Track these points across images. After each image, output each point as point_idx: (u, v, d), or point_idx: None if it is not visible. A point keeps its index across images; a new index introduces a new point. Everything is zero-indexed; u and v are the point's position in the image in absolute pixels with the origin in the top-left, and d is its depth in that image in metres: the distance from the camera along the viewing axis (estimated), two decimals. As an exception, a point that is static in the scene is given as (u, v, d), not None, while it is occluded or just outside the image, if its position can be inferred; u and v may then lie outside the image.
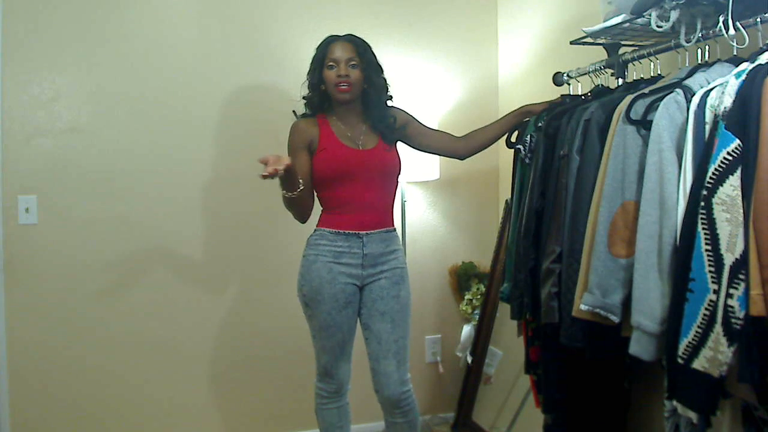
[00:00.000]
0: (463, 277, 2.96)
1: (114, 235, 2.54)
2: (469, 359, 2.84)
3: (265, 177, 1.80)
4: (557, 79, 2.16)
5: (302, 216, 2.12)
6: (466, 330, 2.92)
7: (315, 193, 2.14)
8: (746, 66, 1.37)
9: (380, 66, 2.14)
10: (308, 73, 2.13)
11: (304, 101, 2.16)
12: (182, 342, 2.64)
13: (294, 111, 2.17)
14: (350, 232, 2.07)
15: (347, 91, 2.05)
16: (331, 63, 2.06)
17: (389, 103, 2.19)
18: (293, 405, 2.78)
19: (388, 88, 2.17)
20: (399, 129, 2.17)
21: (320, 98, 2.13)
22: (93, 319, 2.53)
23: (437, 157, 2.58)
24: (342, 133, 2.10)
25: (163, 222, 2.60)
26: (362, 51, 2.09)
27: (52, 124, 2.47)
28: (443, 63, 2.92)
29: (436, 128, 2.41)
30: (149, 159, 2.58)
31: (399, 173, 2.17)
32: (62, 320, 2.50)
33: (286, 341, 2.77)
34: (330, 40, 2.10)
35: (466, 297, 2.93)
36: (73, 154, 2.49)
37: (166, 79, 2.59)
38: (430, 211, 2.98)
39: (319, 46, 2.11)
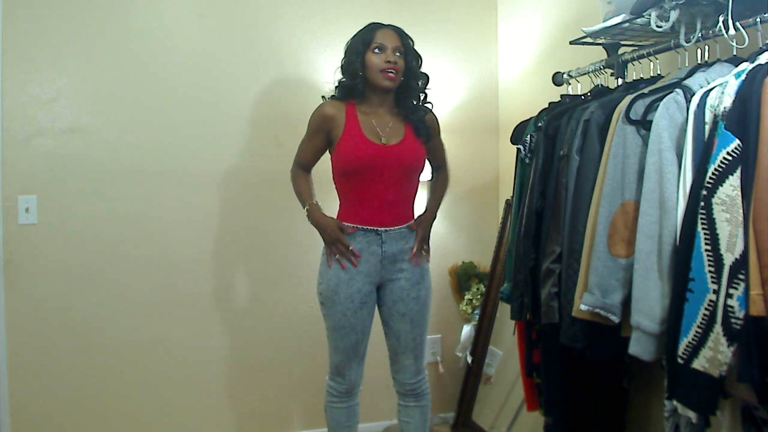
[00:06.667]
0: (463, 277, 2.96)
1: (114, 235, 2.54)
2: (469, 359, 2.83)
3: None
4: (557, 79, 2.16)
5: None
6: (466, 330, 2.92)
7: (334, 184, 2.13)
8: (746, 66, 1.37)
9: (421, 58, 2.12)
10: (345, 57, 2.07)
11: (336, 86, 2.11)
12: (183, 342, 2.64)
13: (323, 96, 2.15)
14: (369, 228, 2.06)
15: (394, 79, 2.02)
16: (377, 48, 2.01)
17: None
18: (297, 405, 2.79)
19: (427, 81, 2.15)
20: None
21: (363, 83, 2.05)
22: (93, 319, 2.53)
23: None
24: (368, 125, 2.05)
25: (163, 222, 2.60)
26: (406, 41, 2.08)
27: (52, 124, 2.47)
28: (443, 63, 2.91)
29: (443, 144, 2.30)
30: (149, 159, 2.57)
31: (422, 169, 2.15)
32: (62, 320, 2.50)
33: (291, 341, 2.77)
34: (376, 26, 2.07)
35: (466, 297, 2.93)
36: (73, 154, 2.49)
37: (166, 79, 2.59)
38: (430, 211, 2.97)
39: (361, 31, 2.07)
